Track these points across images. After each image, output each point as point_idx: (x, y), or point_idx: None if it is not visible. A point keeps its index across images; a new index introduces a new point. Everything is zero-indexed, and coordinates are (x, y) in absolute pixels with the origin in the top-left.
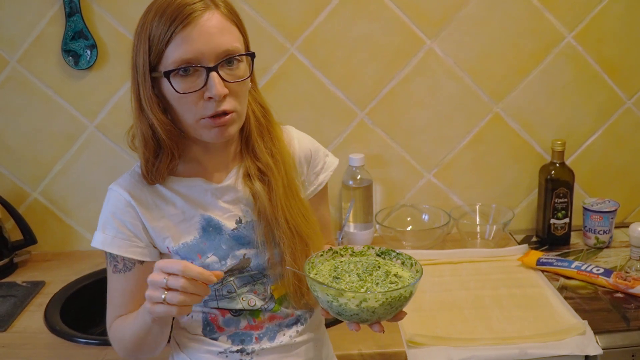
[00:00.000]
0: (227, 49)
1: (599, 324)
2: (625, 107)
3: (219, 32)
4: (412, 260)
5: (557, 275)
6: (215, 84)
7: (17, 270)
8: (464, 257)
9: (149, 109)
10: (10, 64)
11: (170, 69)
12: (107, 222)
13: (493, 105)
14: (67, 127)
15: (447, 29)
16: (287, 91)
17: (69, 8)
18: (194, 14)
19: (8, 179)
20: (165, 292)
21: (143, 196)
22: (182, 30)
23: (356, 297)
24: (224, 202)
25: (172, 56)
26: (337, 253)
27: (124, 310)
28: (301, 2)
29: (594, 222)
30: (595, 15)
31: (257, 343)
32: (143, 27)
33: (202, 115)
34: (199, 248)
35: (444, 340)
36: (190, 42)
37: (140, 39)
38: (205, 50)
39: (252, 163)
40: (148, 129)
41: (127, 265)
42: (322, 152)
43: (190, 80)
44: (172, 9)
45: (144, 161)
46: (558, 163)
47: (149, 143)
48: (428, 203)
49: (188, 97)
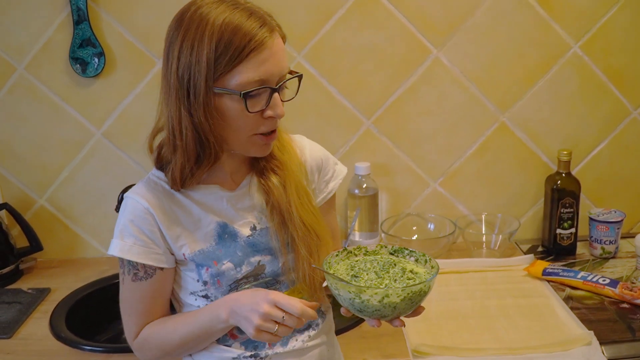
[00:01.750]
0: (287, 71)
1: (605, 335)
2: (632, 117)
3: (283, 55)
4: (426, 257)
5: (563, 286)
6: (279, 104)
7: (23, 277)
8: (470, 267)
9: (206, 122)
10: (17, 71)
11: (248, 89)
12: (125, 229)
13: (499, 114)
14: (74, 134)
15: (453, 39)
16: (294, 100)
17: (76, 16)
18: (267, 38)
19: (15, 186)
20: (277, 326)
21: (160, 204)
22: (257, 53)
23: (378, 293)
24: (239, 209)
25: (245, 76)
26: (352, 253)
27: (149, 317)
28: (308, 11)
29: (600, 233)
30: (601, 26)
31: (270, 348)
32: (197, 38)
33: (258, 131)
34: (215, 255)
35: (449, 350)
36: (265, 64)
37: (196, 52)
38: (274, 72)
39: (267, 162)
40: (194, 137)
41: (149, 272)
42: (332, 161)
43: (257, 100)
44: (245, 30)
45: (181, 167)
46: (564, 173)
47: (192, 150)
48: (434, 212)
49: (252, 115)
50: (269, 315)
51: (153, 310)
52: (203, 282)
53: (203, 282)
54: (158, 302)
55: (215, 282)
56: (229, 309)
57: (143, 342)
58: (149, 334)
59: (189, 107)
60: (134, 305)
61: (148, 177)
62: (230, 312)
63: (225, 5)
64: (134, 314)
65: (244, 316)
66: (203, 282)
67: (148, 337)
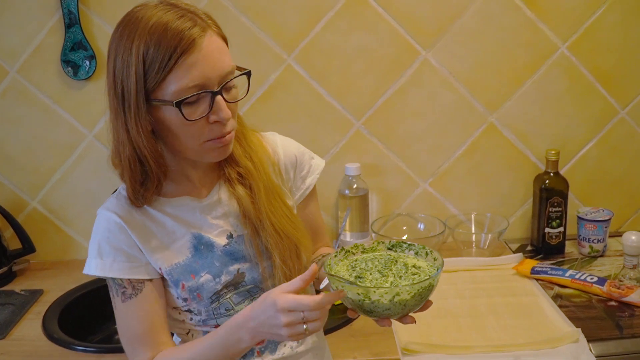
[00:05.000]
0: (228, 71)
1: (593, 332)
2: (619, 117)
3: (219, 55)
4: (427, 249)
5: (551, 284)
6: (223, 108)
7: (16, 279)
8: (459, 266)
9: (140, 137)
10: (10, 74)
11: (182, 97)
12: (101, 247)
13: (488, 115)
14: (66, 136)
15: (442, 40)
16: (284, 101)
17: (68, 19)
18: (196, 39)
19: (7, 188)
20: (305, 325)
21: (132, 218)
22: (187, 57)
23: (388, 292)
24: (213, 218)
25: (178, 84)
26: (349, 252)
27: (152, 339)
28: (298, 13)
29: (588, 231)
30: (589, 26)
31: (260, 357)
32: (126, 50)
33: (208, 138)
34: (192, 268)
35: (438, 348)
36: (196, 68)
37: (126, 63)
38: (211, 75)
39: (232, 169)
40: (133, 155)
41: (137, 287)
42: (307, 156)
43: (196, 106)
44: (171, 34)
45: (130, 187)
46: (552, 172)
47: (134, 170)
48: (424, 212)
49: (194, 123)
50: (290, 323)
51: (154, 330)
52: (183, 299)
53: (183, 299)
54: (156, 320)
55: (196, 297)
56: (250, 331)
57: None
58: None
59: (125, 123)
60: (133, 330)
61: (119, 191)
62: (254, 333)
63: (158, 8)
64: (136, 341)
65: (271, 333)
66: (183, 299)
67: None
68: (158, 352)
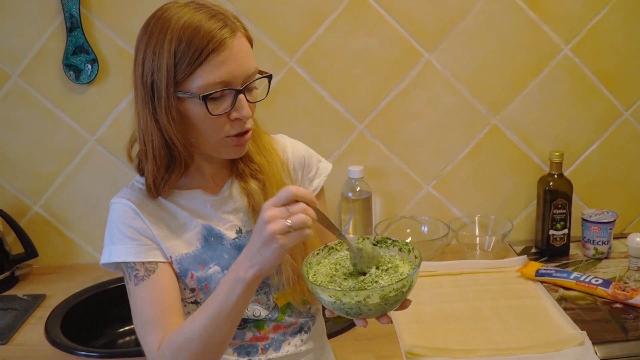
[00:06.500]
0: (252, 72)
1: (598, 335)
2: (623, 118)
3: (246, 56)
4: (410, 246)
5: (556, 286)
6: (245, 106)
7: (18, 284)
8: (463, 269)
9: (170, 126)
10: (11, 78)
11: (208, 92)
12: (114, 234)
13: (491, 117)
14: (68, 140)
15: (444, 42)
16: (286, 104)
17: (70, 23)
18: (227, 39)
19: (9, 192)
20: (288, 220)
21: (146, 206)
22: (216, 54)
23: (359, 295)
24: (224, 213)
25: (206, 79)
26: (333, 249)
27: (165, 322)
28: (300, 16)
29: (593, 233)
30: (591, 27)
31: (264, 354)
32: (158, 43)
33: (227, 134)
34: (202, 259)
35: (442, 352)
36: (225, 66)
37: (158, 55)
38: (237, 74)
39: (245, 166)
40: (161, 141)
41: (149, 269)
42: (315, 158)
43: (220, 102)
44: (203, 32)
45: (153, 174)
46: (556, 174)
47: (161, 157)
48: (427, 214)
49: (217, 118)
50: (272, 217)
51: (166, 312)
52: (190, 290)
53: (190, 290)
54: (168, 303)
55: (204, 287)
56: (243, 263)
57: (165, 351)
58: (169, 338)
59: (154, 112)
60: (145, 313)
61: (132, 183)
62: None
63: (189, 8)
64: (148, 323)
65: (259, 245)
66: (190, 290)
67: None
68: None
